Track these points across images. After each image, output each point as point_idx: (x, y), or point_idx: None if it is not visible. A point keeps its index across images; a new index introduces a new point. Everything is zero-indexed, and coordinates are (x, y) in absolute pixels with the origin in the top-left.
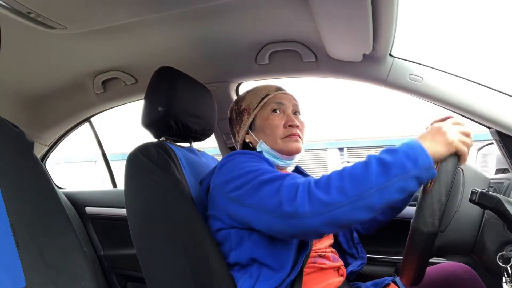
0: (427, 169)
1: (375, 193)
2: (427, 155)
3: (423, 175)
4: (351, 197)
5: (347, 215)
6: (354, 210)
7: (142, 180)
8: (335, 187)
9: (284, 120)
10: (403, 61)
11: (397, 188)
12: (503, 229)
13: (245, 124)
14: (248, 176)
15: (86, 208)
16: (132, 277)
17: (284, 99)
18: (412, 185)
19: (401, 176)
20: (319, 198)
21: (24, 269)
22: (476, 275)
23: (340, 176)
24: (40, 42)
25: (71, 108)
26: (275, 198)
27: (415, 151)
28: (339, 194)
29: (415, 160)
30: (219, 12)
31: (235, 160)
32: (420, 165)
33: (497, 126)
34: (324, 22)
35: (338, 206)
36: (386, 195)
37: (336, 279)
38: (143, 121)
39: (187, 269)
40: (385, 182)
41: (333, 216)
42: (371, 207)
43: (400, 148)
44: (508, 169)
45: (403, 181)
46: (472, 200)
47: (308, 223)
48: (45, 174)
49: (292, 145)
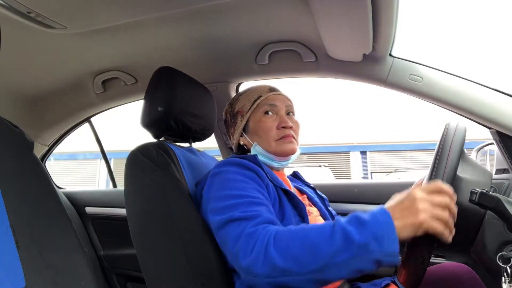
0: (390, 255)
1: (331, 269)
2: (395, 239)
3: (384, 259)
4: (307, 270)
5: (297, 285)
6: (305, 281)
7: (142, 180)
8: (293, 255)
9: (277, 122)
10: (403, 61)
11: (354, 269)
12: (503, 229)
13: (239, 127)
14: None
15: (86, 208)
16: (132, 277)
17: (276, 100)
18: (370, 267)
19: (362, 257)
20: (274, 262)
21: (24, 269)
22: (476, 275)
23: (302, 241)
24: (40, 42)
25: (71, 108)
26: (235, 246)
27: (384, 232)
28: (294, 264)
29: (381, 243)
30: (219, 12)
31: (225, 176)
32: (385, 251)
33: (497, 126)
34: (324, 22)
35: (291, 274)
36: (342, 273)
37: None
38: (143, 121)
39: (187, 269)
40: (345, 261)
41: (284, 282)
42: (323, 281)
43: (369, 224)
44: (508, 169)
45: (362, 263)
46: (472, 200)
47: (259, 281)
48: (45, 174)
49: (287, 147)
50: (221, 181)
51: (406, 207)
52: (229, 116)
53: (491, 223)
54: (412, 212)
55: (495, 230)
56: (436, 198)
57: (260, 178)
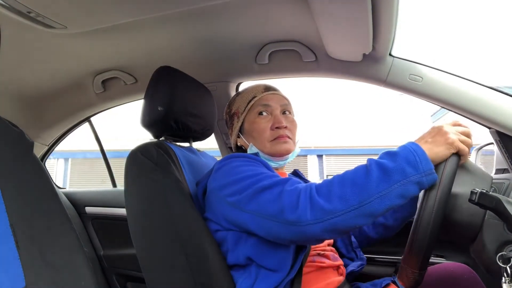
0: (428, 174)
1: (376, 200)
2: (428, 159)
3: (423, 180)
4: (353, 205)
5: (348, 222)
6: (355, 217)
7: (142, 180)
8: (337, 195)
9: (271, 122)
10: (403, 61)
11: (398, 194)
12: (503, 229)
13: (236, 129)
14: (247, 181)
15: (86, 208)
16: (132, 277)
17: (270, 100)
18: (413, 190)
19: (402, 182)
20: (321, 206)
21: (24, 269)
22: (476, 275)
23: (341, 182)
24: (40, 42)
25: (71, 108)
26: (277, 205)
27: (416, 156)
28: (340, 202)
29: (415, 165)
30: (219, 12)
31: (231, 164)
32: (421, 170)
33: (497, 126)
34: (324, 22)
35: (340, 214)
36: (387, 202)
37: (335, 279)
38: (143, 121)
39: (187, 269)
40: (386, 189)
41: (334, 223)
42: (372, 213)
43: (401, 152)
44: (508, 169)
45: (403, 187)
46: (472, 200)
47: (309, 230)
48: (45, 174)
49: (281, 147)
50: (230, 169)
51: (435, 133)
52: (228, 117)
53: (491, 223)
54: (442, 135)
55: (495, 230)
56: (459, 128)
57: (265, 167)
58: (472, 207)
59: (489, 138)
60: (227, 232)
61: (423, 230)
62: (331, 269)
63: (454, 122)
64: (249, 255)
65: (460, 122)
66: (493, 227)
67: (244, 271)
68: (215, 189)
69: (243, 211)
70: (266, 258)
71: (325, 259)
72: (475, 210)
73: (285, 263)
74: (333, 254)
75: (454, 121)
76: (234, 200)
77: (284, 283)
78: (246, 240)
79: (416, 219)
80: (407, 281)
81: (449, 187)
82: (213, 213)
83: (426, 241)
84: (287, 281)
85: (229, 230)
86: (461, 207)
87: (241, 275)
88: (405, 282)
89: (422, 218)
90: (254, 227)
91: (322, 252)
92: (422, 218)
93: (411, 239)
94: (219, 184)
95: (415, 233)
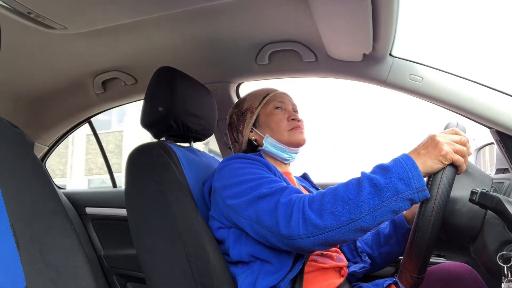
0: (419, 191)
1: (367, 216)
2: (420, 175)
3: (415, 196)
4: (344, 221)
5: (339, 237)
6: (346, 232)
7: (142, 180)
8: (328, 211)
9: (287, 115)
10: (403, 61)
11: (389, 210)
12: (503, 229)
13: (249, 123)
14: (246, 185)
15: (86, 208)
16: (132, 277)
17: (283, 98)
18: (404, 206)
19: (394, 198)
20: (312, 221)
21: (24, 269)
22: (477, 275)
23: (333, 198)
24: (40, 42)
25: (71, 108)
26: (273, 217)
27: (408, 172)
28: (332, 218)
29: (407, 181)
30: (219, 12)
31: (233, 166)
32: (413, 187)
33: (497, 126)
34: (324, 22)
35: (331, 229)
36: (378, 217)
37: (336, 280)
38: (143, 121)
39: (187, 269)
40: (377, 205)
41: (325, 238)
42: (363, 228)
43: (393, 168)
44: (508, 169)
45: (395, 204)
46: (472, 200)
47: (301, 243)
48: (45, 174)
49: (299, 136)
50: (232, 170)
51: (429, 144)
52: (236, 116)
53: (491, 223)
54: (436, 147)
55: (495, 230)
56: (454, 137)
57: (268, 168)
58: (471, 211)
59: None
60: (229, 230)
61: (421, 236)
62: (333, 270)
63: (451, 130)
64: (252, 252)
65: (457, 130)
66: (494, 227)
67: (247, 267)
68: (218, 189)
69: (240, 216)
70: (269, 254)
71: (328, 260)
72: (475, 213)
73: (288, 259)
74: (337, 255)
75: (451, 129)
76: (232, 203)
77: (286, 280)
78: (247, 238)
79: (414, 227)
80: (407, 284)
81: (446, 199)
82: (217, 211)
83: (424, 248)
84: (290, 279)
85: (230, 228)
86: (460, 211)
87: (244, 272)
88: (405, 285)
89: (420, 226)
90: (251, 232)
91: (325, 253)
92: (420, 226)
93: (409, 245)
94: (220, 184)
95: (414, 239)
